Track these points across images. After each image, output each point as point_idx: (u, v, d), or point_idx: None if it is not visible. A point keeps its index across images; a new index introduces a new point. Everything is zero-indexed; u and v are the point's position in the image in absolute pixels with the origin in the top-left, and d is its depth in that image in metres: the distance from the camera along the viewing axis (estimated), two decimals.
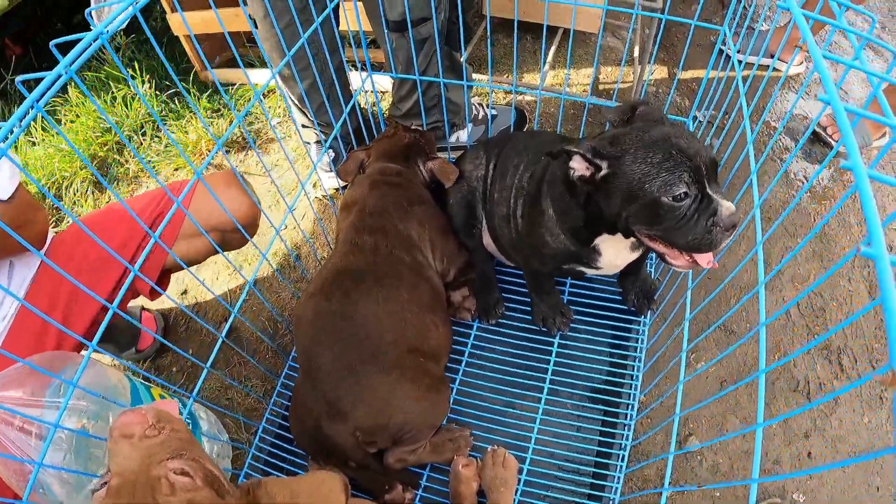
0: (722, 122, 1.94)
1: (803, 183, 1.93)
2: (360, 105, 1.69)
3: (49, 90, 0.68)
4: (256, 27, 1.48)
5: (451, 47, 1.45)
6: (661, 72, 2.12)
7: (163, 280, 1.30)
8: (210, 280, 1.77)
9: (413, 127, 1.51)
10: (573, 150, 0.97)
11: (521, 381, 1.33)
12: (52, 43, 0.70)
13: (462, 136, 1.72)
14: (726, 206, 0.92)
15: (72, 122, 2.18)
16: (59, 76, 0.69)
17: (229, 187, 1.25)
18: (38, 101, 0.67)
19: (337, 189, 1.81)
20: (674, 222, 0.94)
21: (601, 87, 2.07)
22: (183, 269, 1.35)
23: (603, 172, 0.97)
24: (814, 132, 2.04)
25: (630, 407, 1.30)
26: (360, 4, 1.50)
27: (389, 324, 1.14)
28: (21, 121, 0.68)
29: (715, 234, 0.94)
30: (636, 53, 1.92)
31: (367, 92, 2.05)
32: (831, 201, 1.91)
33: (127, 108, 2.16)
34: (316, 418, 1.11)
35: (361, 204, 1.32)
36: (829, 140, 2.00)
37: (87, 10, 0.84)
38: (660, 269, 1.49)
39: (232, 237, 1.30)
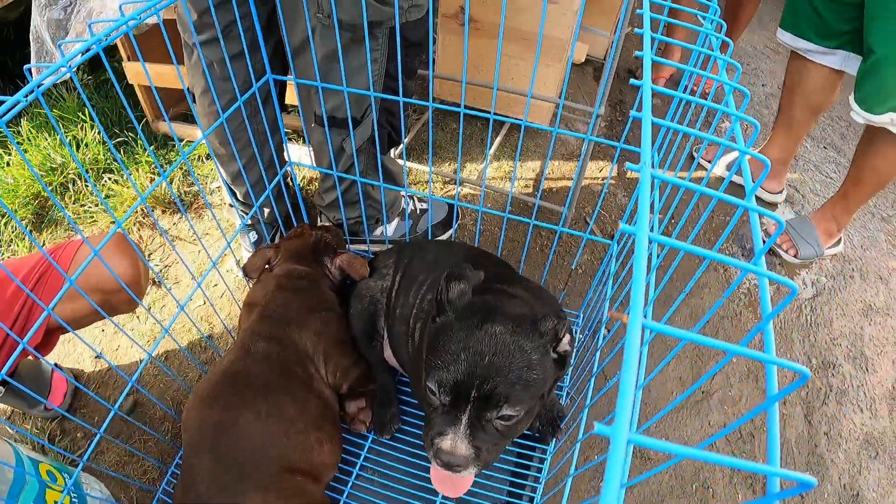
0: (668, 227, 1.90)
1: (745, 295, 1.88)
2: (289, 190, 1.65)
3: (13, 109, 0.72)
4: (195, 101, 1.45)
5: (377, 148, 1.41)
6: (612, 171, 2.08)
7: (51, 339, 1.27)
8: (125, 348, 1.71)
9: (321, 224, 1.48)
10: (443, 282, 0.95)
11: (410, 500, 1.27)
12: (26, 67, 0.75)
13: (385, 230, 1.68)
14: (448, 444, 0.88)
15: (25, 151, 2.14)
16: (21, 99, 0.73)
17: (111, 250, 1.22)
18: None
19: None
20: (428, 412, 0.93)
21: (548, 184, 2.02)
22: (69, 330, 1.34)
23: (437, 320, 0.95)
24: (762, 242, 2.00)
25: None
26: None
27: (269, 440, 1.10)
28: None
29: (432, 453, 0.91)
30: (583, 155, 1.89)
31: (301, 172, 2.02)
32: (776, 315, 1.85)
33: (76, 150, 2.13)
34: None
35: (262, 307, 1.29)
36: (781, 252, 1.97)
37: (58, 43, 0.85)
38: (572, 391, 1.43)
39: (116, 300, 1.26)
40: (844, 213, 1.89)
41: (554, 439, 1.32)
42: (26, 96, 0.75)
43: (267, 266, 1.42)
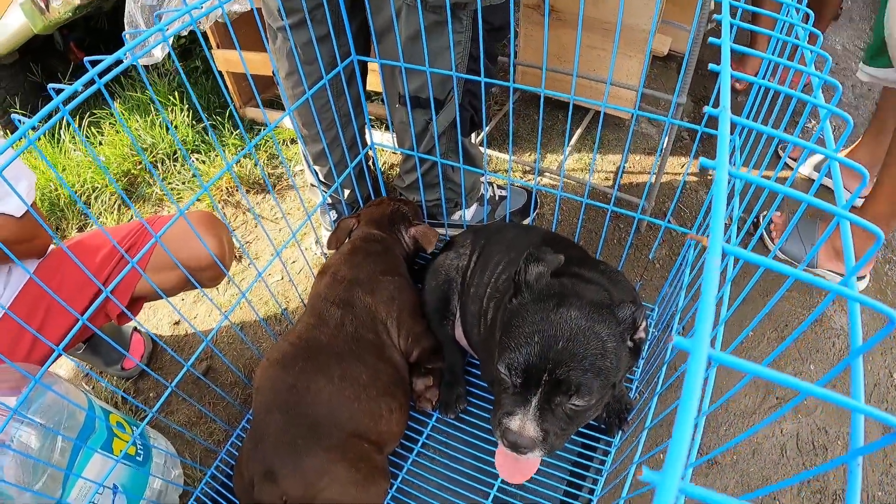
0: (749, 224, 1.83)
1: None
2: (370, 172, 1.69)
3: (76, 97, 0.75)
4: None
5: (458, 130, 1.43)
6: (695, 166, 2.03)
7: (135, 306, 1.37)
8: (202, 316, 1.79)
9: (400, 197, 1.52)
10: (522, 264, 0.95)
11: (468, 482, 1.27)
12: (86, 59, 0.76)
13: (464, 214, 1.70)
14: (516, 424, 0.88)
15: (116, 132, 2.28)
16: (81, 88, 0.75)
17: (200, 227, 1.30)
18: (64, 103, 0.73)
19: None
20: (498, 393, 0.93)
21: (627, 177, 1.99)
22: (156, 298, 1.43)
23: (513, 301, 0.95)
24: None
25: None
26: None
27: (340, 405, 1.14)
28: (43, 122, 0.73)
29: (499, 433, 0.92)
30: (664, 143, 1.85)
31: (383, 157, 2.06)
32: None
33: (166, 131, 2.24)
34: (251, 477, 1.11)
35: (335, 270, 1.33)
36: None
37: (122, 34, 0.90)
38: (640, 384, 1.40)
39: (201, 276, 1.34)
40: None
41: (620, 432, 1.29)
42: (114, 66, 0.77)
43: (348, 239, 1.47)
